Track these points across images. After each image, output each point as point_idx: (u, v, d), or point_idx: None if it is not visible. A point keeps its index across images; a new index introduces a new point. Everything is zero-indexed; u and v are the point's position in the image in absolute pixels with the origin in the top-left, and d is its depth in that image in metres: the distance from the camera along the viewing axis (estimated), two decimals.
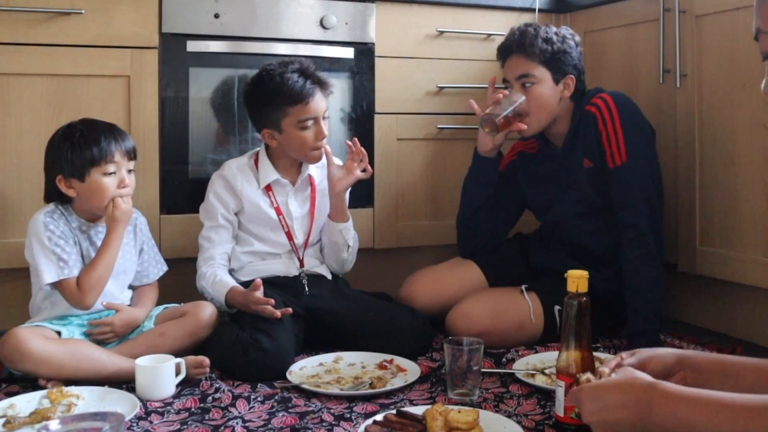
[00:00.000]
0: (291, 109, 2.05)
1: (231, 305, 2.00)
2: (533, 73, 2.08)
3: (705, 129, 2.17)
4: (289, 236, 2.14)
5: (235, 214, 2.13)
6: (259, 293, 1.91)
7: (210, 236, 2.11)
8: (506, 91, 2.09)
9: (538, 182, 2.24)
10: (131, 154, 1.90)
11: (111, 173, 1.85)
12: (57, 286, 1.82)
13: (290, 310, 1.93)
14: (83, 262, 1.87)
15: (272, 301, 1.90)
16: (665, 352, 1.25)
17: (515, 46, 2.10)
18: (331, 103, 2.43)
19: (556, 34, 2.10)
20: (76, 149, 1.82)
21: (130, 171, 1.90)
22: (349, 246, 2.17)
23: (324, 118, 2.09)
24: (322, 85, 2.09)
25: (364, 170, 2.12)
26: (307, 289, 2.11)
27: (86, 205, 1.88)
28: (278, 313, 1.89)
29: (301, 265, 2.16)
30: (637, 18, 2.40)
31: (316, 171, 2.21)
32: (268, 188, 2.14)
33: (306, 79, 2.06)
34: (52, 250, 1.80)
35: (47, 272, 1.80)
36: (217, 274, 2.05)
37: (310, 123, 2.06)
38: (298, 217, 2.16)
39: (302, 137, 2.07)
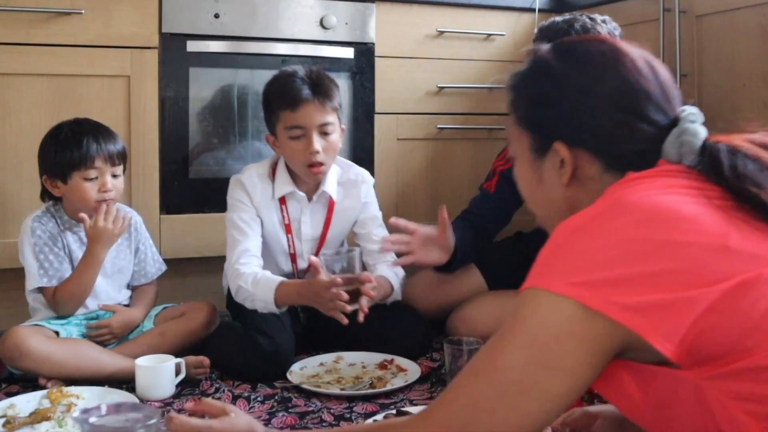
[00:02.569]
0: (281, 113, 1.91)
1: (282, 303, 1.85)
2: None
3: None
4: (293, 258, 2.04)
5: None
6: (323, 275, 1.73)
7: (242, 227, 1.94)
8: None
9: None
10: (115, 159, 1.85)
11: (92, 178, 1.82)
12: (39, 292, 1.84)
13: (365, 310, 1.74)
14: (72, 264, 1.87)
15: (346, 296, 1.71)
16: (613, 407, 1.20)
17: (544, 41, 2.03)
18: None
19: (610, 36, 1.94)
20: (59, 151, 1.82)
21: (116, 176, 1.86)
22: (397, 298, 2.02)
23: (325, 133, 1.91)
24: (322, 95, 1.89)
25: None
26: (301, 317, 2.04)
27: (72, 206, 1.88)
28: (345, 296, 1.71)
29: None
30: (637, 18, 2.40)
31: (336, 187, 2.05)
32: (282, 200, 2.01)
33: (304, 85, 1.89)
34: (36, 256, 1.82)
35: (30, 279, 1.83)
36: (257, 273, 1.87)
37: (299, 133, 1.89)
38: (308, 240, 2.04)
39: (291, 147, 1.91)
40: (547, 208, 1.06)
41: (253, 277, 1.87)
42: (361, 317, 1.76)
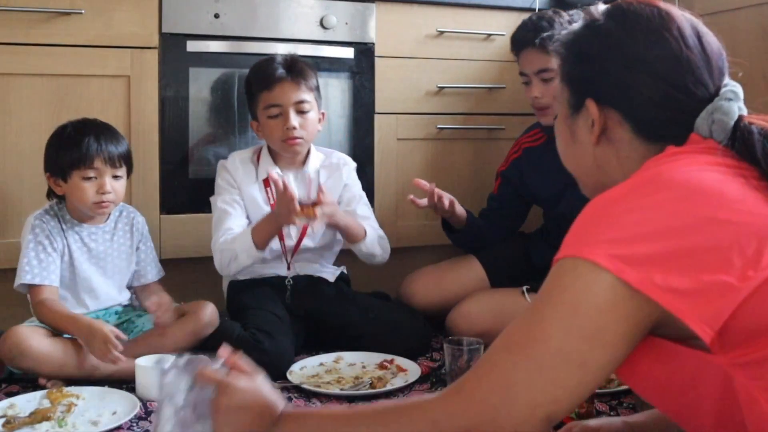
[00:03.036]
0: (260, 95, 2.03)
1: (260, 241, 1.94)
2: (551, 67, 2.07)
3: None
4: (281, 236, 2.09)
5: None
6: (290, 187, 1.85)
7: (226, 209, 2.04)
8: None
9: (546, 175, 2.23)
10: (116, 161, 1.85)
11: (91, 178, 1.82)
12: (24, 290, 1.84)
13: (315, 214, 1.86)
14: (72, 263, 1.87)
15: (295, 198, 1.84)
16: (613, 421, 1.21)
17: (531, 41, 2.09)
18: (331, 103, 2.44)
19: (569, 22, 2.08)
20: (61, 149, 1.83)
21: (117, 177, 1.86)
22: (376, 255, 2.12)
23: (302, 111, 2.02)
24: (297, 74, 2.02)
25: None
26: (289, 293, 2.07)
27: (72, 205, 1.88)
28: (297, 222, 1.86)
29: (288, 268, 2.12)
30: None
31: (321, 170, 2.15)
32: (266, 183, 2.09)
33: (280, 66, 2.02)
34: (26, 254, 1.82)
35: (18, 276, 1.83)
36: (234, 234, 1.98)
37: (276, 111, 2.01)
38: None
39: (270, 126, 2.02)
40: (578, 166, 1.07)
41: (231, 237, 1.97)
42: (315, 225, 1.92)
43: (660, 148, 0.93)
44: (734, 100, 0.93)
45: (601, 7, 1.03)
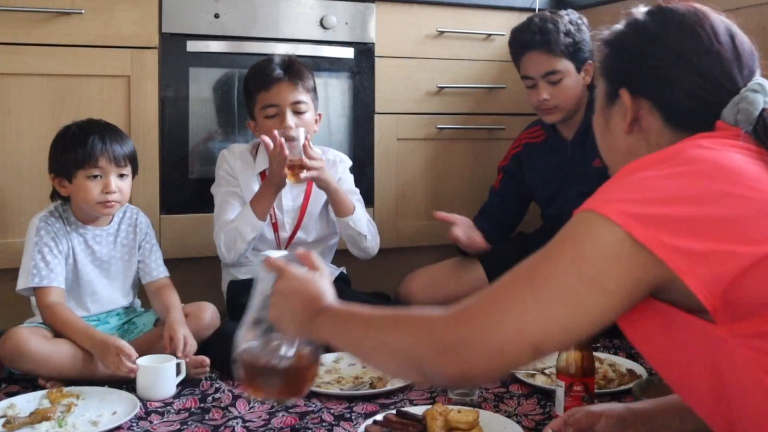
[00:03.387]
0: (257, 94, 2.05)
1: (260, 210, 1.98)
2: (558, 68, 2.08)
3: None
4: (276, 228, 2.13)
5: None
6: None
7: (227, 200, 2.08)
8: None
9: (544, 173, 2.24)
10: (121, 161, 1.84)
11: (95, 176, 1.82)
12: (31, 291, 1.82)
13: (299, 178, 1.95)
14: (75, 266, 1.87)
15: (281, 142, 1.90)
16: (616, 406, 1.25)
17: (536, 43, 2.08)
18: (331, 103, 2.44)
19: (571, 23, 2.10)
20: (66, 149, 1.83)
21: (122, 176, 1.86)
22: (365, 235, 2.12)
23: (299, 112, 2.04)
24: (294, 75, 2.04)
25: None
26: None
27: (77, 206, 1.88)
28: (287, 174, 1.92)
29: None
30: None
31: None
32: (263, 175, 2.11)
33: (277, 67, 2.04)
34: (32, 256, 1.81)
35: (21, 278, 1.82)
36: (233, 219, 2.02)
37: (273, 111, 2.03)
38: (289, 210, 2.15)
39: (267, 126, 2.02)
40: (611, 155, 1.10)
41: (231, 222, 2.02)
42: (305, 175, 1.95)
43: (688, 135, 0.97)
44: (760, 93, 0.96)
45: (642, 8, 1.08)
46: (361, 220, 2.12)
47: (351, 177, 2.25)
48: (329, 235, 2.23)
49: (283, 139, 1.93)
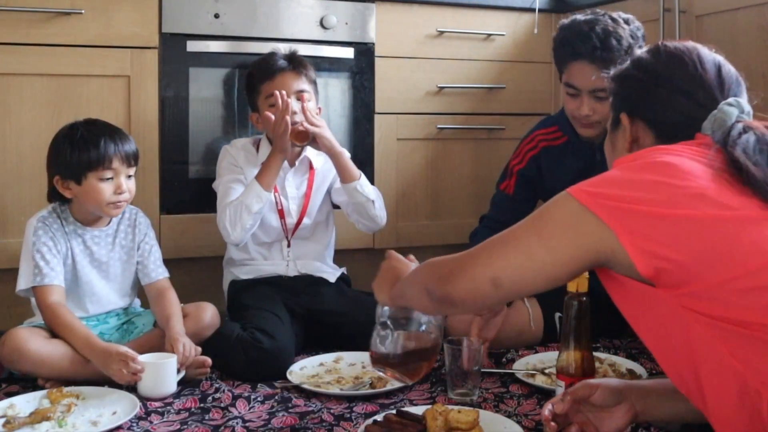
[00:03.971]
0: (261, 85, 2.09)
1: (266, 181, 2.01)
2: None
3: None
4: (282, 214, 2.13)
5: None
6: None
7: (231, 186, 2.07)
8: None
9: (564, 176, 2.11)
10: (131, 160, 1.85)
11: (108, 179, 1.81)
12: (30, 292, 1.82)
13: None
14: (74, 267, 1.86)
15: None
16: (613, 380, 1.32)
17: (595, 57, 1.89)
18: (331, 103, 2.44)
19: (632, 36, 1.93)
20: (75, 151, 1.80)
21: (129, 176, 1.86)
22: (373, 201, 2.11)
23: (301, 100, 2.06)
24: (298, 65, 2.10)
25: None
26: (290, 293, 2.07)
27: (82, 208, 1.87)
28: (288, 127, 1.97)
29: (288, 245, 2.16)
30: (637, 18, 2.38)
31: (317, 156, 2.20)
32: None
33: (280, 58, 2.10)
34: (32, 256, 1.81)
35: (22, 278, 1.82)
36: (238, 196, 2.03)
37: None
38: (294, 198, 2.16)
39: (271, 116, 2.04)
40: None
41: (236, 199, 2.02)
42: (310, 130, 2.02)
43: None
44: (735, 107, 1.12)
45: (645, 48, 1.28)
46: (368, 185, 2.13)
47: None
48: (329, 214, 2.26)
49: (288, 99, 2.01)
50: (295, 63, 2.11)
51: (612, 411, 1.25)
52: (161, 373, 1.67)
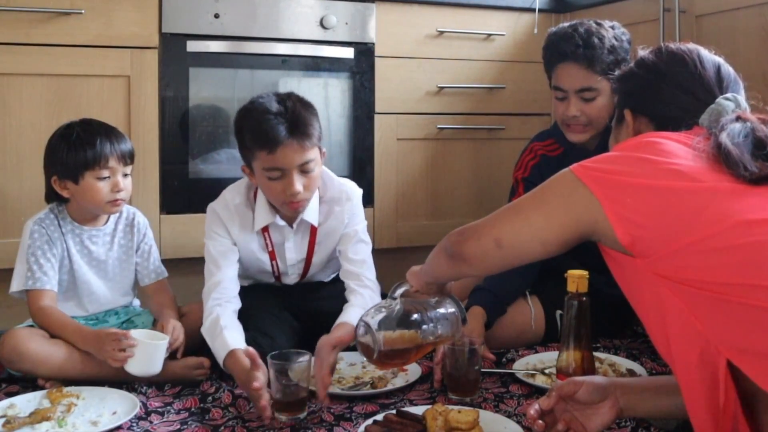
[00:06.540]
0: (257, 152, 1.76)
1: (229, 370, 1.68)
2: (596, 86, 1.94)
3: None
4: (278, 279, 2.03)
5: None
6: (261, 379, 1.54)
7: (216, 259, 1.89)
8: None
9: None
10: (127, 159, 1.85)
11: (105, 177, 1.82)
12: (23, 294, 1.82)
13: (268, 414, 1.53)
14: (72, 267, 1.86)
15: (267, 398, 1.53)
16: (598, 377, 1.37)
17: (578, 56, 1.93)
18: (331, 103, 2.44)
19: (616, 38, 1.95)
20: (72, 151, 1.81)
21: (126, 175, 1.86)
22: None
23: (306, 172, 1.77)
24: (300, 133, 1.74)
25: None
26: (289, 294, 2.04)
27: (80, 207, 1.87)
28: (268, 411, 1.52)
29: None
30: (637, 18, 2.40)
31: (317, 209, 1.94)
32: (264, 229, 1.93)
33: (281, 125, 1.73)
34: (27, 259, 1.81)
35: (15, 280, 1.82)
36: (220, 321, 1.74)
37: (277, 174, 1.76)
38: (293, 263, 1.99)
39: (270, 187, 1.79)
40: None
41: (214, 326, 1.74)
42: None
43: None
44: (732, 101, 1.20)
45: (648, 49, 1.35)
46: (365, 306, 1.78)
47: (362, 211, 2.00)
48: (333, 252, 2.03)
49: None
50: (299, 133, 1.73)
51: (597, 407, 1.28)
52: (155, 353, 1.67)
